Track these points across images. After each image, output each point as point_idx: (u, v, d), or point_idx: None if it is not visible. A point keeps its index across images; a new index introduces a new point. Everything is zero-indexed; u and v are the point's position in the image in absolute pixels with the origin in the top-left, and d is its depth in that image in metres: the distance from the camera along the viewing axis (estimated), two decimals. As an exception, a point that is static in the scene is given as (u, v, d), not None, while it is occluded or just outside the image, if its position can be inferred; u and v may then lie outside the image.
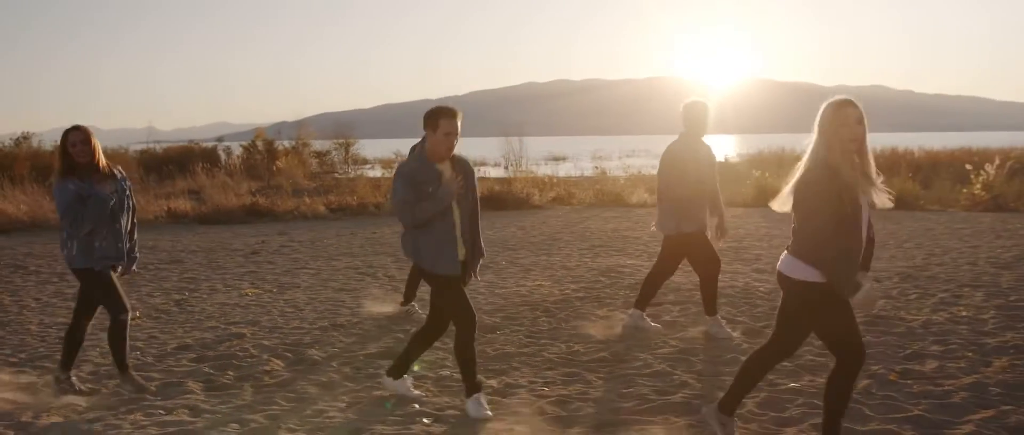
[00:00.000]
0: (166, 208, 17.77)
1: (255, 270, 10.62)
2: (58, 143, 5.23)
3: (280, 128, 37.73)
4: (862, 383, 5.07)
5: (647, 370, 5.67)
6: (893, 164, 21.12)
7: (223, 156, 33.23)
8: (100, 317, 5.55)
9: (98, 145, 5.20)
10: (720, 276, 6.66)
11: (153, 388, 5.46)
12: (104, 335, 5.66)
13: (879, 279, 8.75)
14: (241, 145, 34.62)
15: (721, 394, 4.40)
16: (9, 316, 7.92)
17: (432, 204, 4.53)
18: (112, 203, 5.21)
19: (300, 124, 35.39)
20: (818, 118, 3.75)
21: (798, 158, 3.86)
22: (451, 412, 4.88)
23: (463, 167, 4.72)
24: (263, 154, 31.57)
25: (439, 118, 4.52)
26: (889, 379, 5.29)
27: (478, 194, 4.87)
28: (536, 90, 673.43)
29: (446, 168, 4.65)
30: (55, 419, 4.83)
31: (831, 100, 3.76)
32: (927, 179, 19.69)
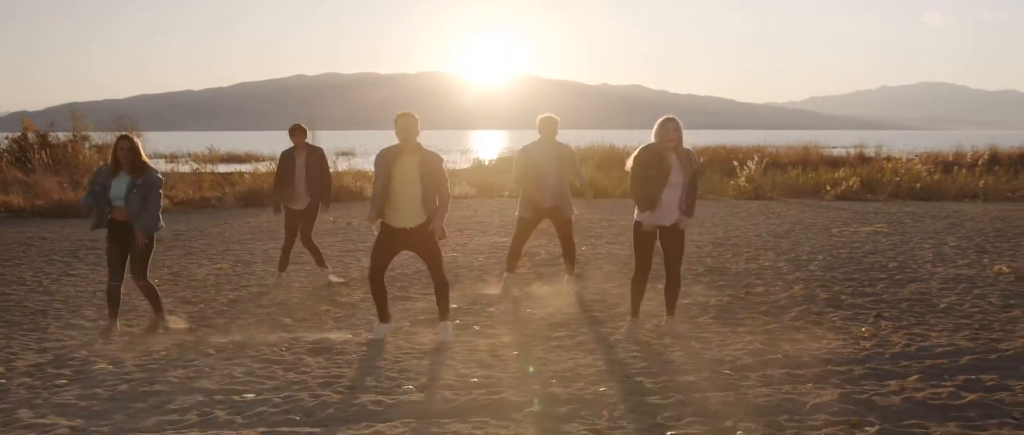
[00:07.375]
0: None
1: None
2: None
3: (27, 117, 34.58)
4: (726, 299, 7.65)
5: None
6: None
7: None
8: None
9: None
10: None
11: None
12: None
13: (700, 246, 10.98)
14: (6, 137, 31.60)
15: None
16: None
17: None
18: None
19: (74, 111, 32.80)
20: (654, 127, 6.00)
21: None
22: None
23: None
24: (35, 147, 28.42)
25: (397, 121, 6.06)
26: (740, 296, 7.87)
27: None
28: (305, 82, 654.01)
29: None
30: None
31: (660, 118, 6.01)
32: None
